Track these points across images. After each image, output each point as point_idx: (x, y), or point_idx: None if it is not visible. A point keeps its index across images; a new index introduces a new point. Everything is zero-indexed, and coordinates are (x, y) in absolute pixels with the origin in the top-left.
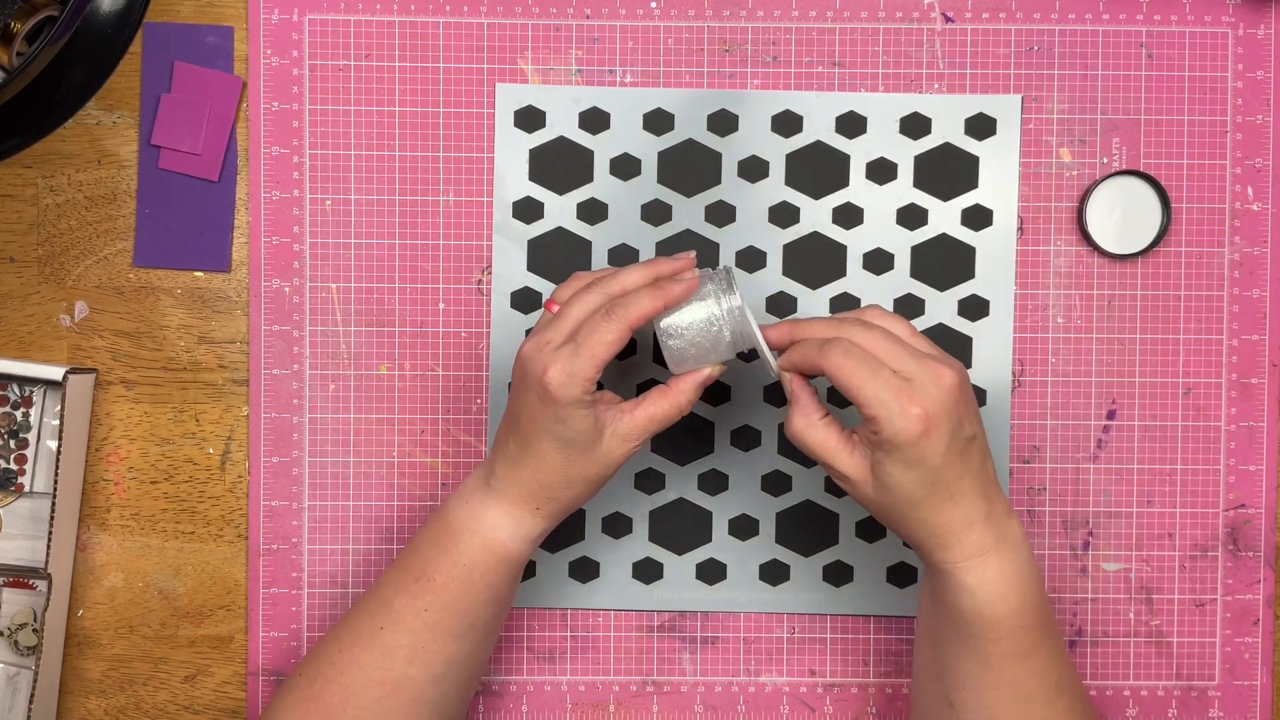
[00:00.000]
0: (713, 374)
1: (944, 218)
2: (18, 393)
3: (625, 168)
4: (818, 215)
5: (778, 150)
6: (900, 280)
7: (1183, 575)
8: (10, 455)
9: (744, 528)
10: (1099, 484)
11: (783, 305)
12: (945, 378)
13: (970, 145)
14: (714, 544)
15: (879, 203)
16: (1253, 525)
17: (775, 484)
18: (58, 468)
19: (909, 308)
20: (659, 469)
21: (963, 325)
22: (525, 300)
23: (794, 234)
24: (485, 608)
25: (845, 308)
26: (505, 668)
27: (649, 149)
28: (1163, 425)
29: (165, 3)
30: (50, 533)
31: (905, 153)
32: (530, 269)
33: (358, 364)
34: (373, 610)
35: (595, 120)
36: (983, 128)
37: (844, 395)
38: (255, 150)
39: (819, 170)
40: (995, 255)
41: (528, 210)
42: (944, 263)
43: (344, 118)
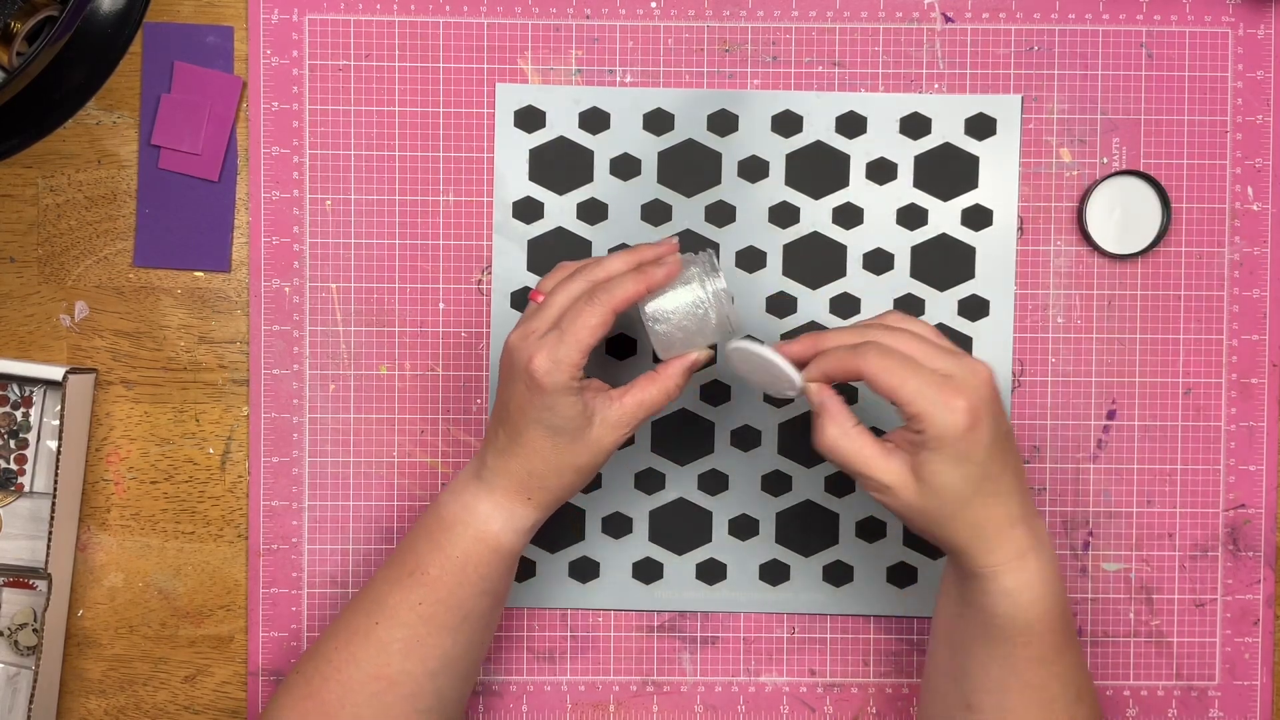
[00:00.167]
0: (700, 358)
1: (944, 218)
2: (18, 393)
3: (625, 168)
4: (818, 215)
5: (778, 150)
6: (900, 280)
7: (1183, 575)
8: (10, 455)
9: (744, 528)
10: (1099, 484)
11: (783, 305)
12: (981, 371)
13: (970, 145)
14: (714, 544)
15: (879, 203)
16: (1253, 525)
17: (775, 484)
18: (58, 468)
19: (909, 308)
20: (659, 469)
21: (963, 325)
22: (525, 300)
23: (794, 234)
24: (480, 600)
25: (845, 308)
26: (505, 668)
27: (649, 149)
28: (1163, 425)
29: (165, 3)
30: (50, 533)
31: (905, 153)
32: (530, 269)
33: (358, 364)
34: (367, 606)
35: (595, 120)
36: (983, 128)
37: (885, 396)
38: (255, 150)
39: (819, 170)
40: (995, 255)
41: (528, 210)
42: (944, 263)
43: (344, 118)
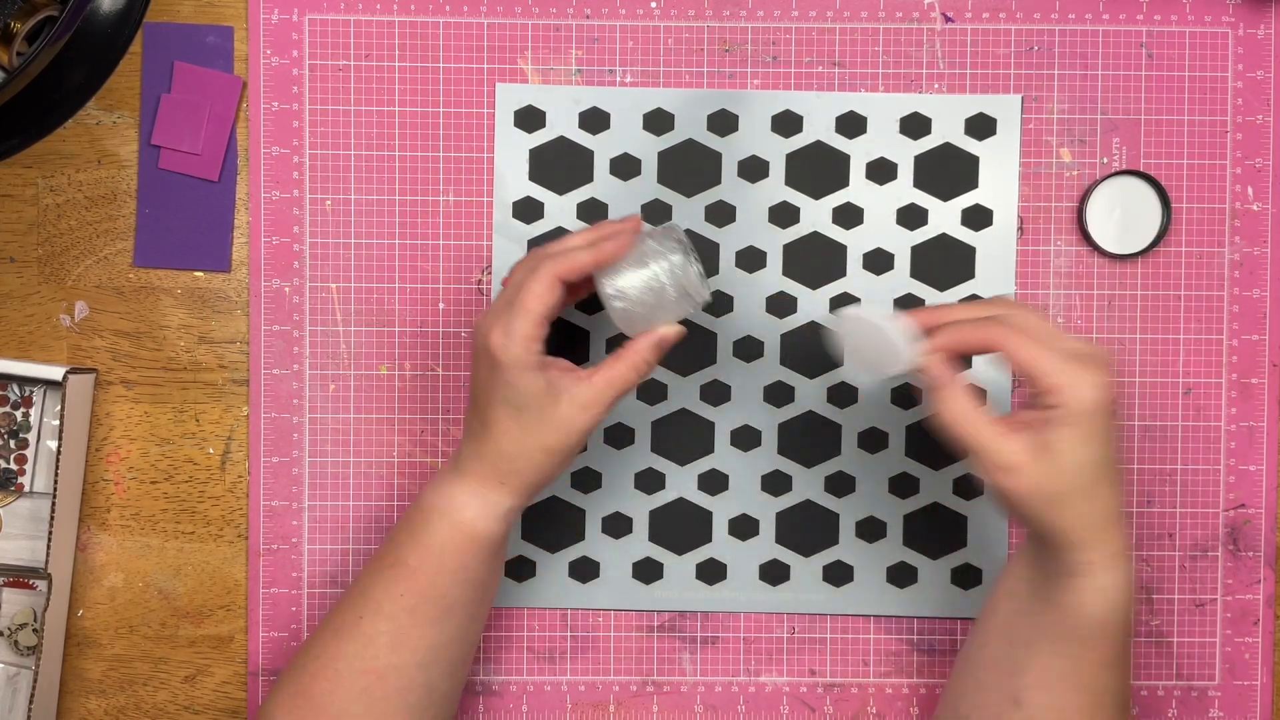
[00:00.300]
0: (668, 334)
1: (944, 218)
2: (18, 393)
3: (625, 168)
4: (818, 215)
5: (778, 150)
6: (900, 280)
7: (1183, 575)
8: (10, 455)
9: (744, 528)
10: None
11: (783, 305)
12: (1108, 354)
13: (970, 145)
14: (714, 544)
15: (879, 203)
16: (1253, 525)
17: (775, 484)
18: (58, 468)
19: (909, 307)
20: (659, 469)
21: None
22: None
23: (794, 234)
24: (462, 590)
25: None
26: (505, 668)
27: (649, 149)
28: (1163, 425)
29: (165, 3)
30: (50, 533)
31: (905, 153)
32: None
33: (358, 364)
34: (353, 601)
35: (595, 120)
36: (983, 128)
37: (1019, 369)
38: (255, 150)
39: (819, 170)
40: (995, 255)
41: (528, 210)
42: (944, 263)
43: (344, 118)
